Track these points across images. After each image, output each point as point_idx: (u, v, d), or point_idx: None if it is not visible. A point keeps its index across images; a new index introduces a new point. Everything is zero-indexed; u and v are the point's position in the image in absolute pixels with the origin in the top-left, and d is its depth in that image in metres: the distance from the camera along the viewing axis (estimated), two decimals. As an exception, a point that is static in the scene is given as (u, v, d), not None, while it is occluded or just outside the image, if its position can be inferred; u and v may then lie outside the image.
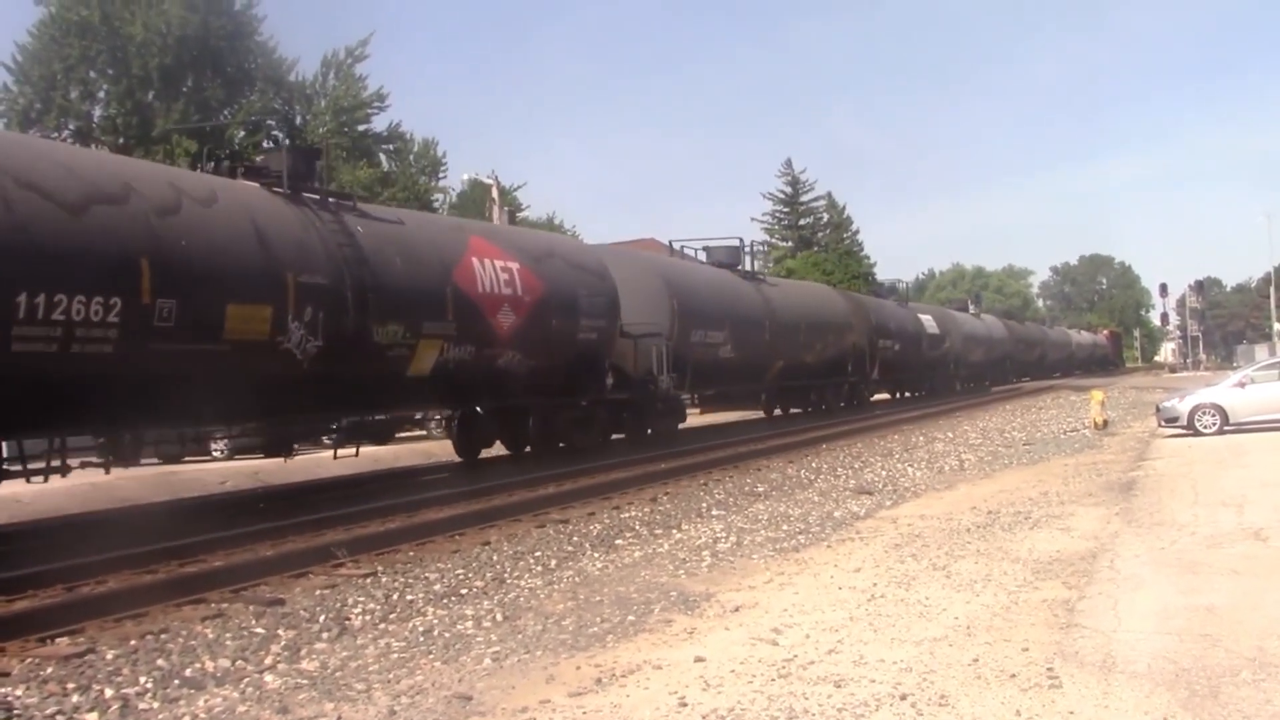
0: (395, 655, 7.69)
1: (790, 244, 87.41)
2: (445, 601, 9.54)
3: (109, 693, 7.01)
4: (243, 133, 41.18)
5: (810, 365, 35.40)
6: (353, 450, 19.54)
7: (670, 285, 26.33)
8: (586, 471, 18.93)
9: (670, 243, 37.86)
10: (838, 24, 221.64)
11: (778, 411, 37.84)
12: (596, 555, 11.58)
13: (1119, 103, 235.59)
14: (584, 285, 22.00)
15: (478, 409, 21.88)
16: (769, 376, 33.28)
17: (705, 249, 33.46)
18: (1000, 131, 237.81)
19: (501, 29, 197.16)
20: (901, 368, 46.45)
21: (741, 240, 34.16)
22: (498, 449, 22.98)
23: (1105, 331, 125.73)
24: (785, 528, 12.83)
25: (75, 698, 6.92)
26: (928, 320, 50.67)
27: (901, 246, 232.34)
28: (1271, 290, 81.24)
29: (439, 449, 26.30)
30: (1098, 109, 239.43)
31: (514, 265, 19.74)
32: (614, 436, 24.51)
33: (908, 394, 51.12)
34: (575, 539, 12.70)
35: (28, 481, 13.32)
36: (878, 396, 47.62)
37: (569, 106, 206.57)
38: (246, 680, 7.19)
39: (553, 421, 22.00)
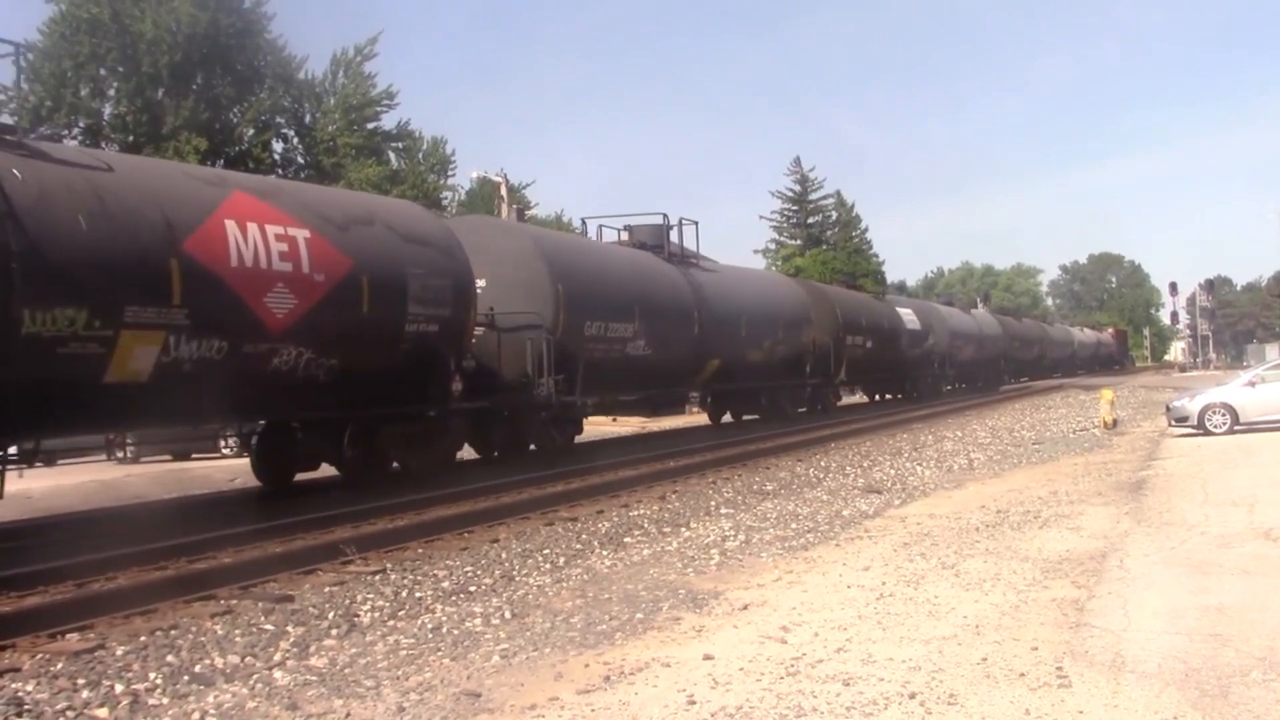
0: (404, 652, 7.70)
1: (799, 242, 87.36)
2: (454, 599, 9.55)
3: (119, 688, 7.03)
4: (252, 130, 41.26)
5: (757, 365, 30.61)
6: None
7: (554, 265, 21.12)
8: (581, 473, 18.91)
9: (584, 220, 33.61)
10: (848, 22, 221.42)
11: (727, 418, 33.23)
12: (605, 553, 11.59)
13: (1129, 101, 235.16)
14: (418, 262, 17.06)
15: (294, 424, 17.07)
16: (702, 378, 28.54)
17: (627, 227, 28.34)
18: (1009, 130, 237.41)
19: (508, 28, 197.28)
20: (876, 368, 42.21)
21: (665, 217, 28.17)
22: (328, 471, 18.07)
23: (1110, 329, 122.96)
24: (794, 526, 12.82)
25: (85, 693, 6.94)
26: (907, 315, 46.16)
27: (910, 245, 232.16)
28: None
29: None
30: (1107, 107, 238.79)
31: (301, 233, 14.99)
32: (528, 454, 21.16)
33: (889, 397, 47.67)
34: (584, 537, 12.71)
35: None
36: (850, 400, 45.17)
37: (576, 106, 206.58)
38: (256, 677, 7.20)
39: (375, 439, 17.05)
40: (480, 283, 19.31)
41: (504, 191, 44.92)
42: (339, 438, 16.70)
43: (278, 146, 43.77)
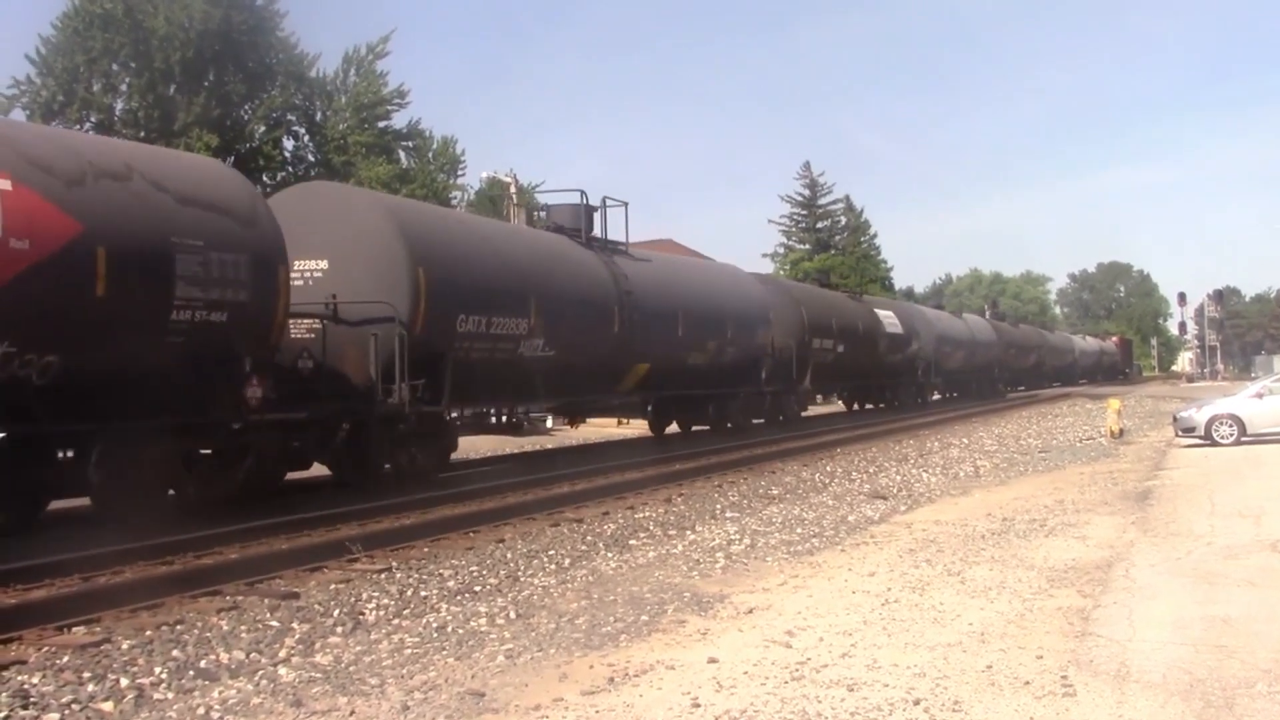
0: (409, 651, 7.71)
1: (808, 247, 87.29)
2: (459, 598, 9.56)
3: (124, 682, 7.04)
4: (263, 127, 41.31)
5: (700, 369, 26.45)
6: None
7: (414, 244, 16.81)
8: (599, 473, 18.91)
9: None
10: (857, 27, 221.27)
11: (677, 427, 29.54)
12: (610, 555, 11.59)
13: (1138, 110, 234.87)
14: (197, 231, 13.28)
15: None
16: (626, 384, 24.18)
17: (545, 207, 25.29)
18: (1019, 137, 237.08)
19: (516, 30, 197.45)
20: (848, 374, 38.62)
21: (584, 195, 23.89)
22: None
23: (1114, 337, 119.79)
24: (799, 531, 12.82)
25: (91, 687, 6.96)
26: (887, 317, 42.31)
27: (919, 251, 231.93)
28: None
29: None
30: (1117, 116, 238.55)
31: (-2, 183, 11.13)
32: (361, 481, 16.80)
33: (869, 406, 44.65)
34: (589, 538, 12.72)
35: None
36: (825, 410, 43.31)
37: (585, 109, 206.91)
38: (261, 673, 7.22)
39: (137, 461, 12.91)
40: (319, 264, 16.60)
41: (513, 192, 44.89)
42: (84, 459, 12.69)
43: (288, 144, 43.78)
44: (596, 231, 24.14)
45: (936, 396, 52.49)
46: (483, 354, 18.26)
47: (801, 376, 32.69)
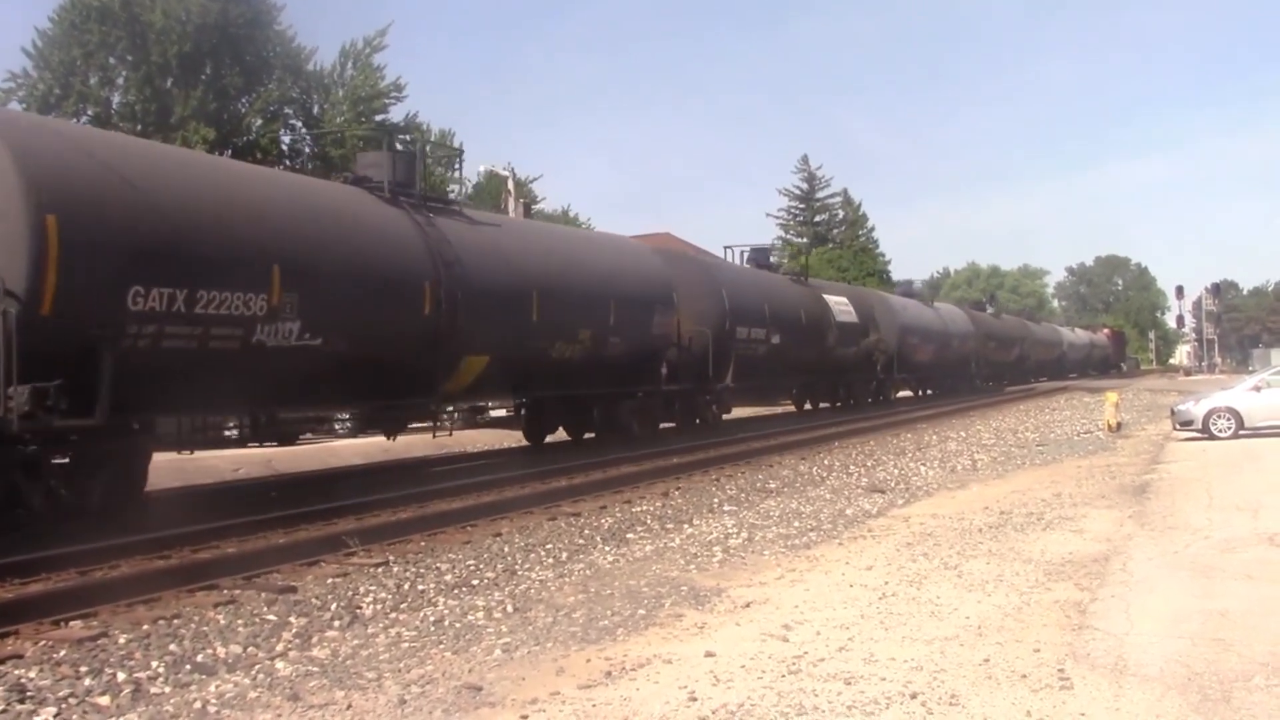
0: (406, 645, 7.71)
1: (806, 240, 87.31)
2: (456, 592, 9.56)
3: (121, 676, 7.05)
4: (260, 121, 41.26)
5: (571, 365, 21.04)
6: None
7: (37, 177, 11.43)
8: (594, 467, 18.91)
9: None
10: (857, 22, 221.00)
11: (565, 434, 24.53)
12: (608, 548, 11.59)
13: (1138, 104, 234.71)
14: None
15: None
16: (455, 383, 18.37)
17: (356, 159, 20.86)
18: (1018, 131, 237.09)
19: (514, 25, 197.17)
20: (788, 369, 33.15)
21: (390, 137, 19.17)
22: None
23: (1106, 330, 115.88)
24: (797, 524, 12.82)
25: (88, 680, 6.96)
26: (839, 304, 37.21)
27: (917, 245, 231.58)
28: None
29: None
30: (1116, 110, 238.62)
31: None
32: None
33: (825, 405, 39.15)
34: (587, 532, 12.72)
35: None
36: (771, 410, 38.87)
37: (583, 103, 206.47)
38: (258, 667, 7.22)
39: None
40: None
41: (510, 186, 44.83)
42: None
43: (285, 137, 43.74)
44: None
45: (907, 393, 49.24)
46: (182, 343, 12.96)
47: (721, 373, 27.19)
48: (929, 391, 51.92)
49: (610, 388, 22.88)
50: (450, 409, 22.24)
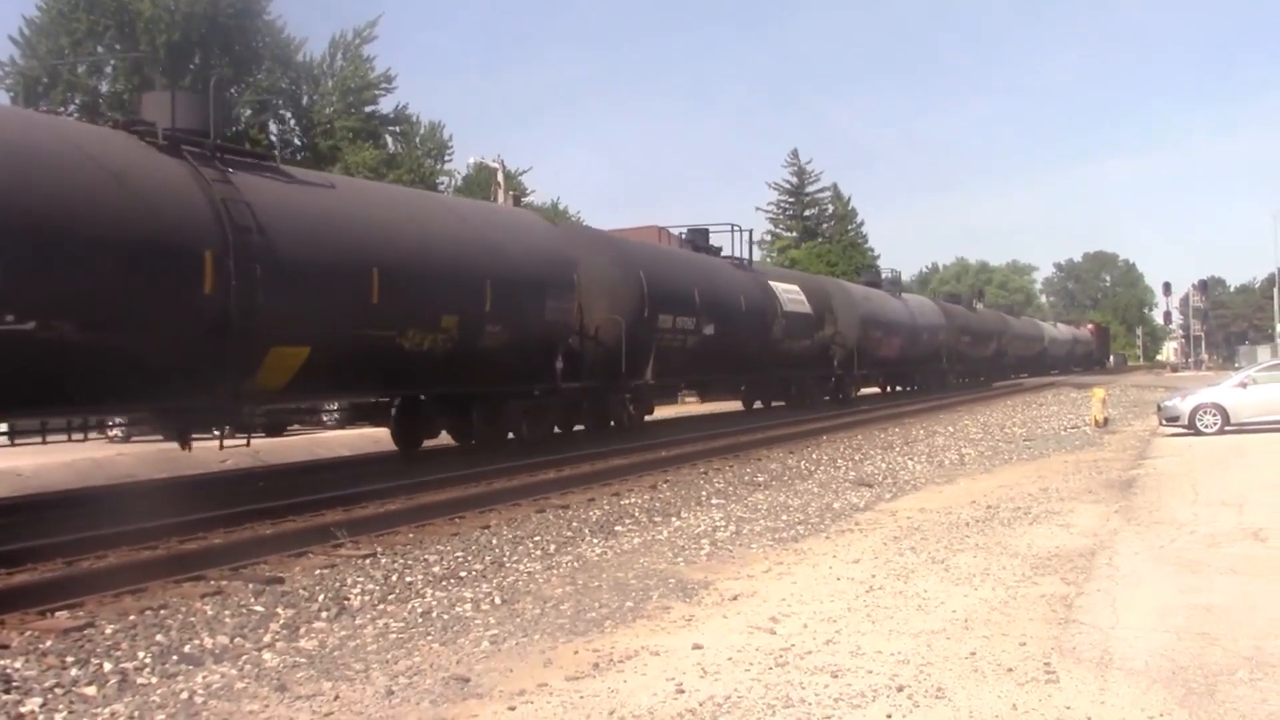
0: (393, 636, 7.70)
1: (795, 234, 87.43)
2: (444, 584, 9.55)
3: (107, 667, 7.03)
4: (249, 111, 41.14)
5: (434, 358, 17.38)
6: None
7: None
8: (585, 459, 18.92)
9: None
10: (846, 18, 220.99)
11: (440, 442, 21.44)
12: (596, 541, 11.60)
13: (1126, 100, 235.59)
14: None
15: None
16: (256, 381, 14.75)
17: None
18: (1007, 127, 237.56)
19: (510, 19, 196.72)
20: (727, 364, 29.51)
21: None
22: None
23: (1090, 325, 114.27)
24: (784, 518, 12.84)
25: (74, 671, 6.94)
26: (789, 293, 33.57)
27: (906, 240, 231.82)
28: (1275, 291, 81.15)
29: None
30: (1104, 106, 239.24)
31: None
32: None
33: (779, 403, 35.85)
34: (575, 524, 12.72)
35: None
36: (712, 408, 36.24)
37: (575, 96, 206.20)
38: (245, 658, 7.21)
39: None
40: None
41: (500, 178, 44.79)
42: None
43: (274, 128, 43.64)
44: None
45: (874, 390, 46.80)
46: None
47: (638, 368, 23.57)
48: (900, 389, 49.58)
49: (492, 385, 19.38)
50: (261, 411, 19.20)
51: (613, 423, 23.97)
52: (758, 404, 36.29)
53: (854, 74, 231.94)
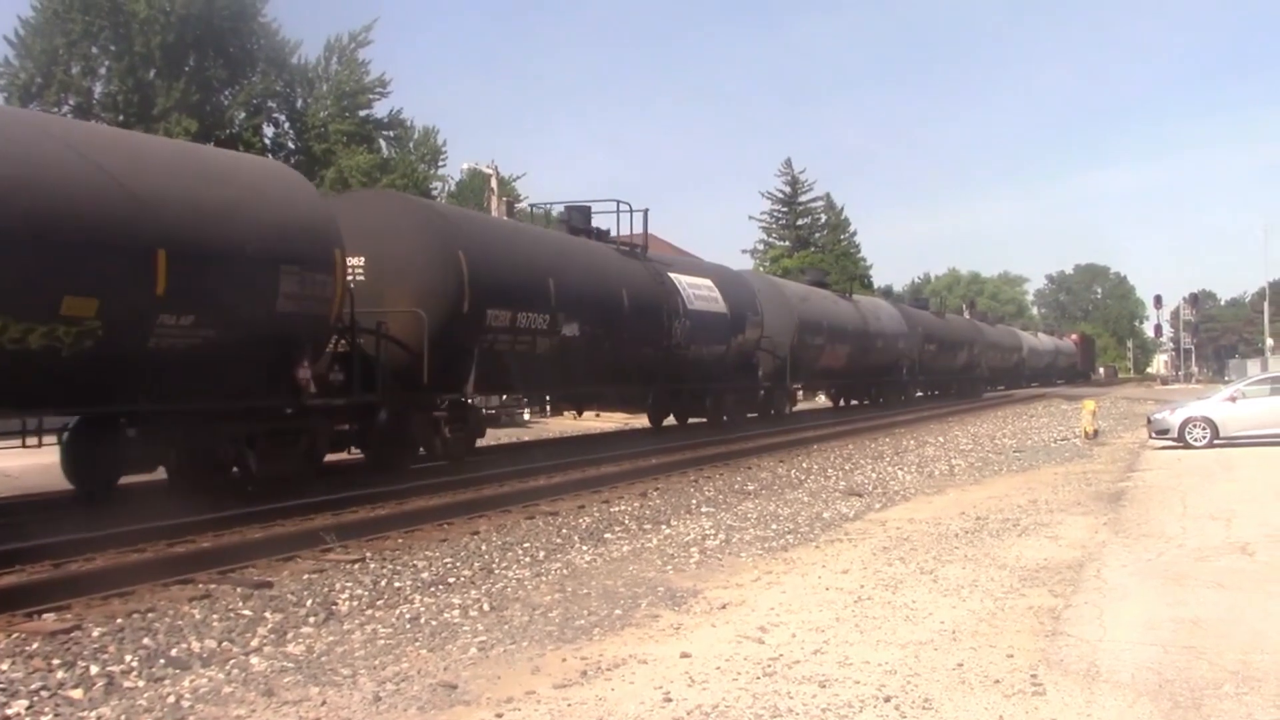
0: (382, 642, 7.69)
1: (788, 244, 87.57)
2: (433, 590, 9.54)
3: (94, 670, 7.00)
4: (243, 114, 41.12)
5: (35, 362, 11.69)
6: None
7: None
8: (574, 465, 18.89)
9: None
10: (842, 27, 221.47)
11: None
12: (585, 548, 11.59)
13: (1118, 113, 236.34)
14: None
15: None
16: None
17: None
18: (999, 139, 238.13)
19: (503, 25, 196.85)
20: (604, 374, 23.39)
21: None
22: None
23: (1073, 335, 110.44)
24: (774, 527, 12.84)
25: (60, 674, 6.91)
26: (696, 288, 27.13)
27: (899, 251, 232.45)
28: (1265, 305, 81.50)
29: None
30: (1097, 119, 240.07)
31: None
32: None
33: (698, 420, 29.37)
34: (564, 531, 12.71)
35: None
36: (606, 424, 32.17)
37: (569, 104, 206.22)
38: (232, 662, 7.19)
39: None
40: None
41: (494, 184, 44.78)
42: None
43: (268, 131, 43.63)
44: None
45: (826, 404, 42.36)
46: None
47: (455, 379, 18.06)
48: (854, 401, 44.98)
49: (182, 402, 13.59)
50: None
51: (422, 450, 18.46)
52: (671, 420, 30.21)
53: (849, 84, 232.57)
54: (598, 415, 33.25)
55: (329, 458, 16.88)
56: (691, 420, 29.78)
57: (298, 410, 15.21)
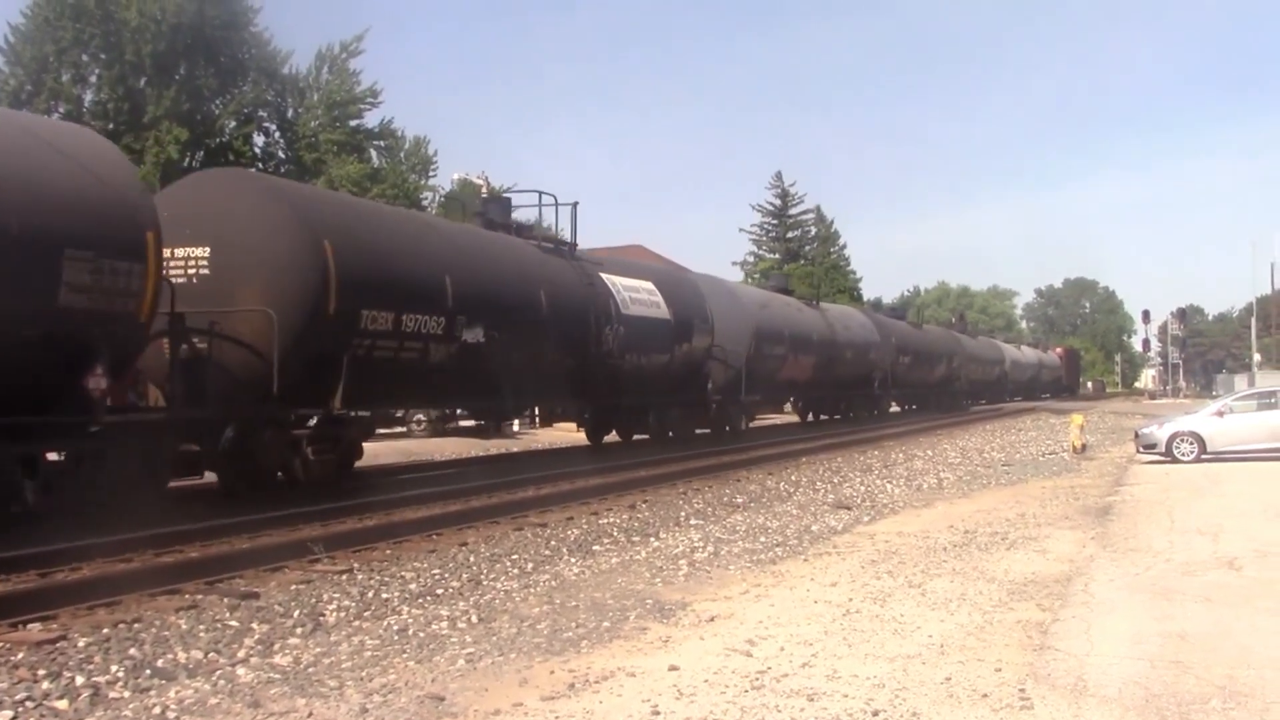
0: (369, 653, 7.67)
1: (778, 256, 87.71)
2: (421, 601, 9.52)
3: (80, 680, 6.97)
4: (234, 123, 41.04)
5: None
6: None
7: None
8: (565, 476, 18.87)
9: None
10: (830, 39, 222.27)
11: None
12: (574, 560, 11.58)
13: (1108, 127, 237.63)
14: None
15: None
16: None
17: None
18: (989, 151, 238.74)
19: (489, 35, 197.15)
20: (519, 385, 20.23)
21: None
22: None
23: (1058, 349, 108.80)
24: (763, 540, 12.84)
25: (45, 684, 6.88)
26: (633, 290, 24.71)
27: (889, 264, 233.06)
28: (1253, 320, 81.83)
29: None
30: (1086, 134, 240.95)
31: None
32: None
33: (642, 436, 27.23)
34: (553, 543, 12.70)
35: None
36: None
37: (557, 115, 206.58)
38: (219, 673, 7.16)
39: None
40: None
41: (484, 194, 44.79)
42: None
43: (259, 140, 43.53)
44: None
45: (792, 419, 40.26)
46: None
47: (321, 392, 15.65)
48: (824, 416, 42.87)
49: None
50: None
51: (281, 474, 15.92)
52: (614, 436, 27.81)
53: (837, 96, 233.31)
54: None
55: (177, 484, 14.46)
56: (636, 437, 27.46)
57: (105, 429, 12.49)
